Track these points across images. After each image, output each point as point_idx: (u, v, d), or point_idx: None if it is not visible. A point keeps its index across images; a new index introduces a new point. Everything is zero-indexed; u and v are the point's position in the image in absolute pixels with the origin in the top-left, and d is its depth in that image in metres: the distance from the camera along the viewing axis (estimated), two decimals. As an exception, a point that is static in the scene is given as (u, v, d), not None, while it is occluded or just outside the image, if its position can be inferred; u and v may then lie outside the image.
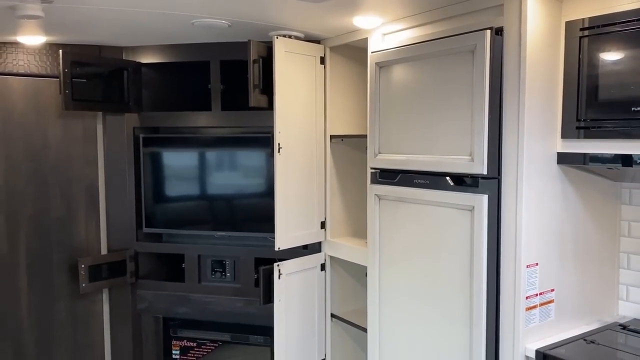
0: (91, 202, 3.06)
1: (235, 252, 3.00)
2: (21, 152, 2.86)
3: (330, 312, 2.86)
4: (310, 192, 2.74)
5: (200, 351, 3.13)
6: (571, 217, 2.03)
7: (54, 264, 2.96)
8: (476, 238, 1.92)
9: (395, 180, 2.27)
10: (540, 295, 1.94)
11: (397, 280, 2.29)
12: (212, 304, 3.01)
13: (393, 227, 2.30)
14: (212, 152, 3.00)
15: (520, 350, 1.89)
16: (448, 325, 2.05)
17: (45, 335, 2.95)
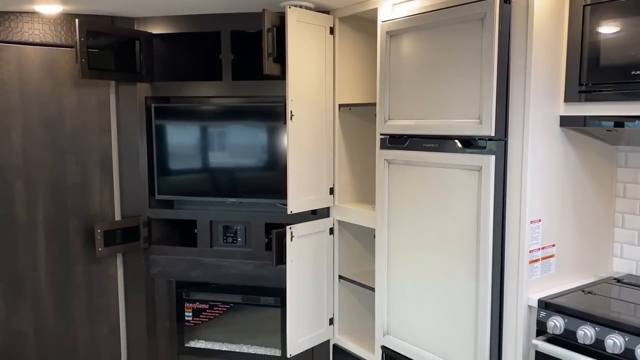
0: (105, 169, 3.15)
1: (246, 218, 3.11)
2: (37, 121, 2.93)
3: (338, 274, 2.99)
4: (319, 159, 2.85)
5: (212, 313, 3.26)
6: (572, 178, 2.17)
7: (70, 230, 3.06)
8: (483, 196, 2.05)
9: (404, 145, 2.38)
10: (542, 249, 2.08)
11: (404, 239, 2.42)
12: (224, 268, 3.13)
13: (401, 190, 2.42)
14: (222, 121, 3.09)
15: (523, 300, 2.03)
16: (455, 279, 2.19)
17: (62, 298, 3.07)
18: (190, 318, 3.27)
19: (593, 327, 1.83)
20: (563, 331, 1.91)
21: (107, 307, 3.22)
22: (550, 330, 1.94)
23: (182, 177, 3.18)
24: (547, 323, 1.95)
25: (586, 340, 1.84)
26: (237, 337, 3.26)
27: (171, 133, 3.15)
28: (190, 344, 3.29)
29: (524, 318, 2.04)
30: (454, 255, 2.19)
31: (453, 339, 2.22)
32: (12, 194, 2.88)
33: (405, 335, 2.45)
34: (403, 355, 2.46)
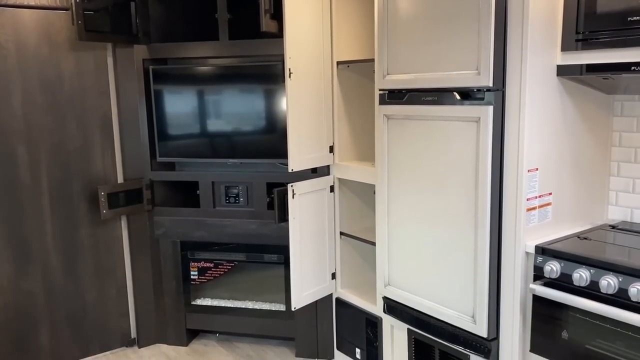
0: (106, 133, 3.18)
1: (247, 178, 3.15)
2: (36, 85, 2.94)
3: (340, 231, 3.05)
4: (319, 118, 2.87)
5: (217, 271, 3.33)
6: (568, 127, 2.20)
7: (74, 193, 3.10)
8: (481, 147, 2.09)
9: (403, 99, 2.41)
10: (540, 198, 2.13)
11: (404, 193, 2.46)
12: (227, 227, 3.19)
13: (401, 145, 2.46)
14: (221, 83, 3.10)
15: (521, 247, 2.10)
16: (454, 229, 2.25)
17: (70, 259, 3.13)
18: (195, 277, 3.35)
19: (588, 269, 1.90)
20: (559, 275, 1.98)
21: (113, 268, 3.29)
22: (547, 274, 2.01)
23: (182, 139, 3.21)
24: (544, 268, 2.02)
25: (581, 283, 1.90)
26: (242, 294, 3.35)
27: (170, 96, 3.16)
28: (196, 301, 3.38)
29: (522, 264, 2.11)
30: (453, 206, 2.24)
31: (452, 287, 2.29)
32: (15, 159, 2.91)
33: (405, 285, 2.52)
34: (404, 305, 2.54)
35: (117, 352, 3.34)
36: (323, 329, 3.16)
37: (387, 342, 2.77)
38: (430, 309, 2.40)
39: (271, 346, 3.37)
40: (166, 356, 3.26)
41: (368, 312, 2.87)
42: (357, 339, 2.97)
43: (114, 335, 3.34)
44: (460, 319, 2.27)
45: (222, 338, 3.48)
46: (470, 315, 2.23)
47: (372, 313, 2.84)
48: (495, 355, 2.22)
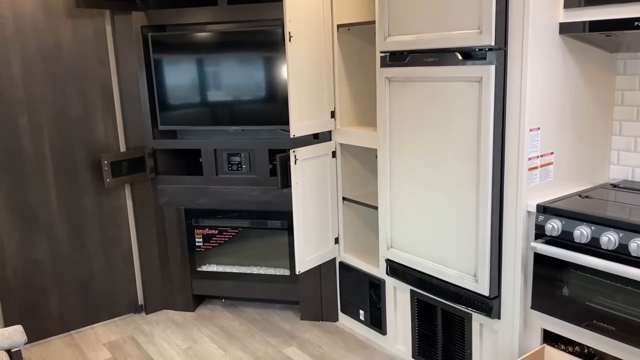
0: (106, 101, 3.17)
1: (249, 145, 3.15)
2: (35, 53, 2.92)
3: (342, 196, 3.07)
4: (320, 83, 2.86)
5: (221, 237, 3.37)
6: (570, 86, 2.19)
7: (77, 162, 3.12)
8: (484, 107, 2.08)
9: (405, 61, 2.39)
10: (541, 157, 2.14)
11: (406, 155, 2.47)
12: (231, 194, 3.21)
13: (402, 107, 2.45)
14: (220, 49, 3.07)
15: (522, 206, 2.11)
16: (456, 189, 2.26)
17: (75, 229, 3.16)
18: (200, 244, 3.39)
19: (589, 226, 1.92)
20: (560, 232, 2.00)
21: (119, 236, 3.33)
22: (548, 232, 2.03)
23: (183, 108, 3.20)
24: (545, 226, 2.04)
25: (582, 239, 1.93)
26: (246, 260, 3.39)
27: (170, 64, 3.14)
28: (202, 268, 3.42)
29: (523, 223, 2.13)
30: (455, 166, 2.25)
31: (454, 247, 2.32)
32: (17, 128, 2.91)
33: (408, 247, 2.55)
34: (406, 266, 2.58)
35: (125, 318, 3.40)
36: (327, 293, 3.21)
37: (390, 303, 2.82)
38: (433, 270, 2.43)
39: (276, 310, 3.43)
40: (174, 321, 3.33)
41: (371, 275, 2.91)
42: (360, 302, 3.02)
43: (121, 302, 3.40)
44: (462, 278, 2.31)
45: (227, 303, 3.54)
46: (472, 275, 2.27)
47: (375, 275, 2.88)
48: (496, 313, 2.26)
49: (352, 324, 3.13)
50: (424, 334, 2.66)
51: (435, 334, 2.60)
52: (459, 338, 2.48)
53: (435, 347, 2.61)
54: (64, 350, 3.03)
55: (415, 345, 2.72)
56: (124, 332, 3.22)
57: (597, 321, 1.93)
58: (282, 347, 2.98)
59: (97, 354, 2.99)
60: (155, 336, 3.16)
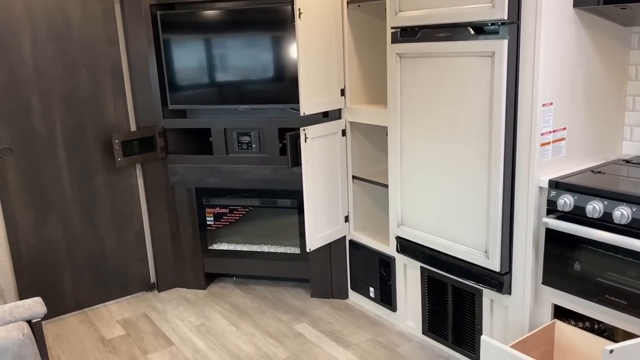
0: (116, 81, 3.18)
1: (259, 124, 3.15)
2: (45, 33, 2.92)
3: (352, 175, 3.07)
4: (329, 60, 2.85)
5: (232, 216, 3.39)
6: (584, 61, 2.17)
7: (88, 141, 3.13)
8: (496, 82, 2.07)
9: (416, 36, 2.37)
10: (554, 132, 2.13)
11: (417, 132, 2.47)
12: (241, 173, 3.22)
13: (413, 84, 2.44)
14: (230, 27, 3.06)
15: (534, 181, 2.11)
16: (467, 165, 2.26)
17: (87, 207, 3.19)
18: (211, 222, 3.41)
19: (602, 201, 1.91)
20: (572, 208, 2.00)
21: (130, 215, 3.36)
22: (560, 207, 2.03)
23: (193, 87, 3.20)
24: (557, 201, 2.04)
25: (595, 214, 1.92)
26: (257, 239, 3.42)
27: (179, 43, 3.14)
28: (213, 246, 3.45)
29: (535, 198, 2.12)
30: (467, 142, 2.24)
31: (465, 223, 2.32)
32: (29, 108, 2.93)
33: (418, 224, 2.56)
34: (417, 243, 2.59)
35: (138, 296, 3.45)
36: (337, 270, 3.23)
37: (400, 280, 2.84)
38: (443, 246, 2.44)
39: (287, 287, 3.46)
40: (186, 299, 3.37)
41: (381, 252, 2.93)
42: (370, 279, 3.04)
43: (134, 280, 3.44)
44: (473, 254, 2.32)
45: (239, 281, 3.58)
46: (483, 251, 2.27)
47: (385, 253, 2.90)
48: (507, 289, 2.27)
49: (362, 301, 3.16)
50: (434, 310, 2.68)
51: (445, 310, 2.62)
52: (470, 314, 2.50)
53: (445, 323, 2.63)
54: (79, 327, 3.08)
55: (426, 322, 2.74)
56: (137, 309, 3.27)
57: (608, 296, 1.93)
58: (293, 323, 3.02)
59: (111, 330, 3.04)
60: (168, 313, 3.20)
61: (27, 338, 1.58)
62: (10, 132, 2.90)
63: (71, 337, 2.98)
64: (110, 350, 2.84)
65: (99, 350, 2.84)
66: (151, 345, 2.87)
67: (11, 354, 1.53)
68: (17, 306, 1.70)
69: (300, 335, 2.89)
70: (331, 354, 2.70)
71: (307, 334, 2.90)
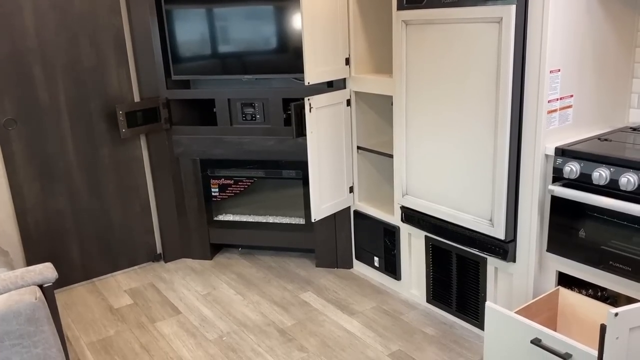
0: (119, 51, 3.15)
1: (263, 95, 3.14)
2: (47, 3, 2.89)
3: (357, 145, 3.06)
4: (334, 28, 2.81)
5: (237, 187, 3.40)
6: (593, 27, 2.14)
7: (92, 112, 3.13)
8: (503, 48, 2.05)
9: (422, 3, 2.34)
10: (561, 100, 2.11)
11: (423, 101, 2.45)
12: (246, 144, 3.22)
13: (420, 51, 2.41)
14: (233, -6, 3.02)
15: (540, 148, 2.10)
16: (473, 132, 2.25)
17: (93, 178, 3.20)
18: (217, 194, 3.43)
19: (608, 168, 1.91)
20: (579, 175, 1.99)
21: (136, 186, 3.37)
22: (567, 175, 2.02)
23: (196, 57, 3.17)
24: (564, 169, 2.03)
25: (601, 181, 1.92)
26: (262, 210, 3.43)
27: (182, 12, 3.10)
28: (218, 217, 3.47)
29: (541, 166, 2.12)
30: (473, 110, 2.23)
31: (470, 192, 2.32)
32: (32, 78, 2.92)
33: (423, 193, 2.56)
34: (421, 212, 2.60)
35: (144, 266, 3.48)
36: (342, 240, 3.25)
37: (404, 249, 2.86)
38: (448, 215, 2.45)
39: (292, 258, 3.49)
40: (192, 269, 3.40)
41: (386, 222, 2.94)
42: (375, 248, 3.06)
43: (140, 250, 3.47)
44: (477, 222, 2.32)
45: (244, 252, 3.61)
46: (488, 219, 2.28)
47: (390, 223, 2.91)
48: (512, 257, 2.28)
49: (367, 270, 3.19)
50: (439, 278, 2.70)
51: (449, 279, 2.64)
52: (474, 282, 2.52)
53: (449, 291, 2.66)
54: (87, 296, 3.13)
55: (430, 290, 2.77)
56: (144, 279, 3.31)
57: (613, 262, 1.94)
58: (299, 292, 3.05)
59: (118, 299, 3.08)
60: (175, 283, 3.24)
61: (40, 302, 1.61)
62: (14, 103, 2.89)
63: (80, 306, 3.03)
64: (118, 318, 2.88)
65: (107, 319, 2.88)
66: (159, 314, 2.91)
67: (24, 317, 1.56)
68: (28, 271, 1.72)
69: (305, 303, 2.93)
70: (336, 322, 2.73)
71: (313, 302, 2.94)
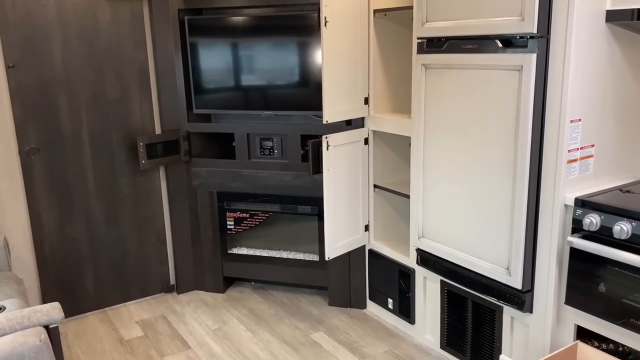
0: (143, 84, 3.21)
1: (281, 130, 3.16)
2: (75, 36, 2.97)
3: (374, 183, 3.05)
4: (354, 69, 2.83)
5: (252, 221, 3.40)
6: (615, 76, 2.11)
7: (114, 143, 3.17)
8: (523, 96, 2.03)
9: (442, 47, 2.34)
10: (581, 149, 2.07)
11: (441, 144, 2.43)
12: (262, 179, 3.23)
13: (438, 95, 2.41)
14: (255, 34, 3.07)
15: (560, 198, 2.06)
16: (492, 180, 2.22)
17: (111, 207, 3.23)
18: (232, 227, 3.42)
19: (630, 222, 1.86)
20: (599, 227, 1.95)
21: (152, 217, 3.39)
22: (586, 227, 1.97)
23: (218, 92, 3.22)
24: (583, 220, 1.98)
25: (622, 235, 1.87)
26: (276, 244, 3.42)
27: (205, 48, 3.16)
28: (232, 250, 3.46)
29: (560, 216, 2.07)
30: (492, 157, 2.21)
31: (487, 239, 2.28)
32: (57, 109, 2.98)
33: (439, 237, 2.52)
34: (437, 257, 2.55)
35: (157, 297, 3.47)
36: (356, 279, 3.21)
37: (419, 293, 2.81)
38: (464, 261, 2.40)
39: (305, 295, 3.45)
40: (204, 302, 3.38)
41: (401, 264, 2.90)
42: (389, 290, 3.02)
43: (154, 281, 3.47)
44: (494, 270, 2.27)
45: (257, 286, 3.58)
46: (505, 267, 2.23)
47: (405, 264, 2.87)
48: (529, 307, 2.22)
49: (381, 311, 3.13)
50: (453, 324, 2.64)
51: (464, 326, 2.58)
52: (489, 330, 2.46)
53: (464, 338, 2.59)
54: (98, 326, 3.12)
55: (444, 336, 2.70)
56: (156, 310, 3.30)
57: (634, 319, 1.87)
58: (310, 331, 3.01)
59: (129, 330, 3.07)
60: (186, 316, 3.22)
61: (44, 344, 1.60)
62: (38, 132, 2.95)
63: (91, 336, 3.02)
64: (128, 351, 2.87)
65: (117, 351, 2.87)
66: (168, 348, 2.88)
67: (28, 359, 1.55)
68: (35, 311, 1.72)
69: (316, 344, 2.88)
70: (347, 365, 2.68)
71: (324, 343, 2.89)
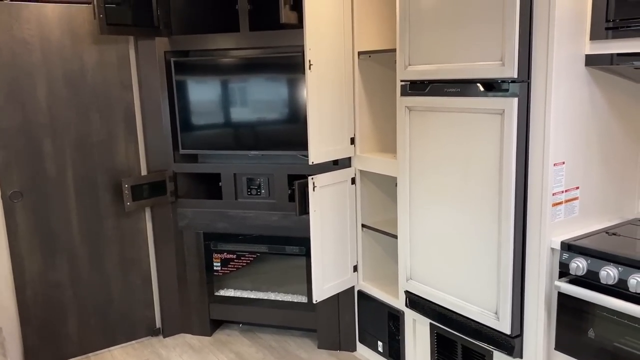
0: (129, 125, 3.20)
1: (268, 170, 3.14)
2: (60, 79, 2.97)
3: (361, 223, 3.02)
4: (340, 109, 2.83)
5: (239, 262, 3.35)
6: (597, 118, 2.12)
7: (98, 185, 3.14)
8: (506, 140, 2.03)
9: (425, 90, 2.35)
10: (566, 192, 2.06)
11: (426, 186, 2.42)
12: (249, 219, 3.19)
13: (423, 137, 2.41)
14: (242, 74, 3.08)
15: (546, 242, 2.04)
16: (477, 223, 2.20)
17: (95, 250, 3.18)
18: (218, 268, 3.37)
19: (616, 267, 1.84)
20: (586, 272, 1.92)
21: (138, 259, 3.34)
22: (573, 271, 1.95)
23: (204, 132, 3.21)
24: (570, 265, 1.96)
25: (609, 281, 1.84)
26: (264, 286, 3.36)
27: (192, 88, 3.16)
28: (219, 292, 3.40)
29: (547, 260, 2.05)
30: (477, 200, 2.19)
31: (475, 282, 2.25)
32: (41, 152, 2.96)
33: (428, 280, 2.49)
34: (426, 299, 2.51)
35: (142, 341, 3.39)
36: (345, 321, 3.15)
37: (409, 336, 2.75)
38: (453, 305, 2.36)
39: (293, 337, 3.38)
40: (190, 346, 3.31)
41: (390, 306, 2.85)
42: (379, 332, 2.96)
43: (139, 325, 3.40)
44: (483, 315, 2.24)
45: (245, 328, 3.51)
46: (494, 312, 2.19)
47: (395, 307, 2.82)
48: (518, 352, 2.17)
49: (370, 354, 3.07)
50: (444, 369, 2.58)
51: (455, 370, 2.52)
52: (480, 376, 2.40)
53: (454, 383, 2.53)
54: (81, 373, 3.04)
55: (434, 380, 2.64)
56: (141, 355, 3.21)
57: (625, 367, 1.83)
58: (298, 376, 2.94)
59: (113, 378, 2.98)
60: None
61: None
62: (21, 175, 2.92)
63: (72, 384, 2.94)
64: (110, 400, 2.78)
65: (99, 400, 2.78)
66: (152, 396, 2.80)
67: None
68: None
69: (304, 389, 2.81)
70: (336, 412, 2.61)
71: (312, 388, 2.81)
